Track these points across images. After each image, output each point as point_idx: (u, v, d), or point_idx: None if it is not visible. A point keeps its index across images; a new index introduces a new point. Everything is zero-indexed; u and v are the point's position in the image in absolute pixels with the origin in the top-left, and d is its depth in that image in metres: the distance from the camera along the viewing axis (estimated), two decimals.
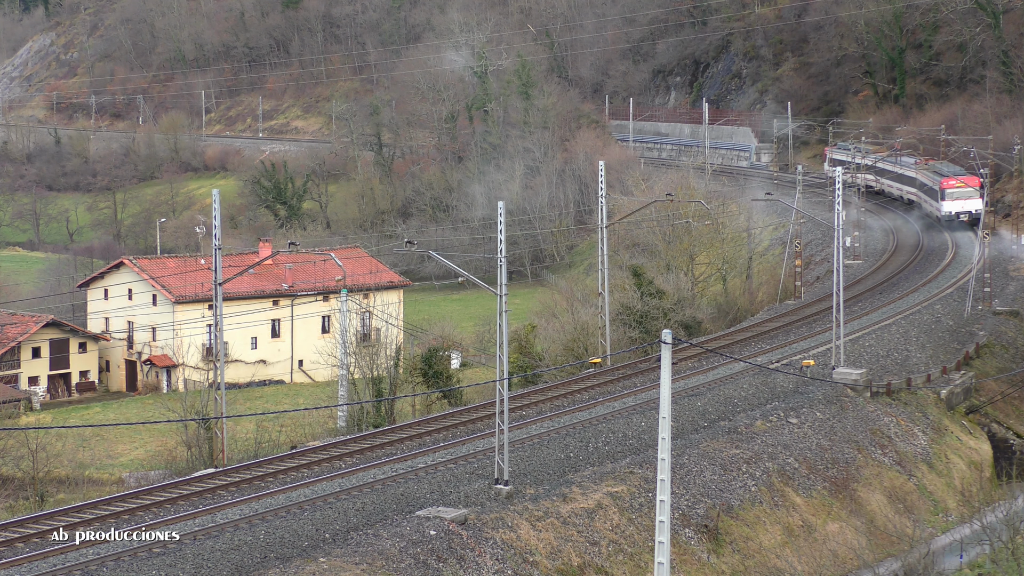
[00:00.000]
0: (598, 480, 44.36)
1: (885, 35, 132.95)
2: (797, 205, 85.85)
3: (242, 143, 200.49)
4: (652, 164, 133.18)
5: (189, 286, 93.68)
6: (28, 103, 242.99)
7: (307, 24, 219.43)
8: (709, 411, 53.37)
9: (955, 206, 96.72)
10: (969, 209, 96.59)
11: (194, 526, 38.02)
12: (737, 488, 47.09)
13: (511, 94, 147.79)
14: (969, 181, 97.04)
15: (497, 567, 38.67)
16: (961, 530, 50.03)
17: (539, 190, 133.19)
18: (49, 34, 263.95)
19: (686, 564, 42.64)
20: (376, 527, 38.70)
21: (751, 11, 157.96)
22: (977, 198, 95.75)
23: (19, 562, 35.04)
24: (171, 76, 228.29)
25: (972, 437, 60.00)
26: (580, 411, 52.18)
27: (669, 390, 33.16)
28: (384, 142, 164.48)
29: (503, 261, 42.67)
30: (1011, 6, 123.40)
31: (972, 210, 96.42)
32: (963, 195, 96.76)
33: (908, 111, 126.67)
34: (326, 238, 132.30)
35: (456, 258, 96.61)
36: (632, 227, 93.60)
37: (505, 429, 42.16)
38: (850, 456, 52.62)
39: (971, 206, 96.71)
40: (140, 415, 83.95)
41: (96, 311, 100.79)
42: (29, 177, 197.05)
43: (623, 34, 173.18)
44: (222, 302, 52.52)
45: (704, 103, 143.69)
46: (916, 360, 64.86)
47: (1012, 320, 75.34)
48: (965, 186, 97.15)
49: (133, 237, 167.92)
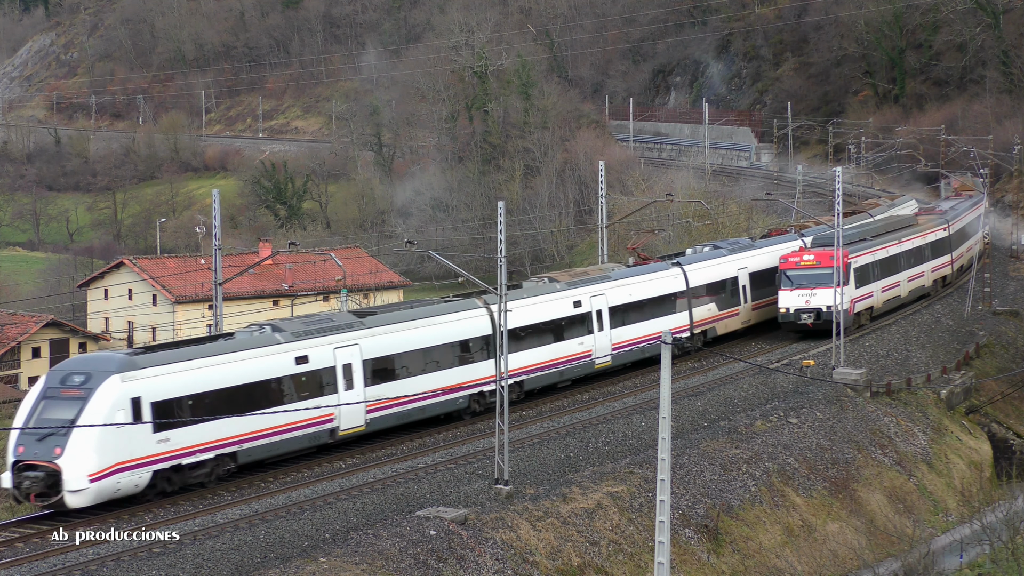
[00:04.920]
0: (598, 480, 44.38)
1: (885, 35, 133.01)
2: (797, 205, 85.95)
3: (242, 143, 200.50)
4: (652, 164, 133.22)
5: (189, 286, 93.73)
6: (28, 103, 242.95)
7: (307, 24, 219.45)
8: (709, 411, 53.39)
9: (794, 300, 63.57)
10: (818, 306, 62.95)
11: (194, 526, 38.04)
12: (737, 488, 47.11)
13: (511, 94, 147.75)
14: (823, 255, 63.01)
15: (497, 567, 38.68)
16: (961, 530, 50.05)
17: (539, 190, 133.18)
18: (49, 34, 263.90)
19: (686, 564, 42.65)
20: (376, 527, 38.72)
21: (751, 11, 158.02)
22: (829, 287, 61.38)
23: (19, 562, 35.05)
24: (171, 76, 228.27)
25: (972, 437, 60.02)
26: (580, 411, 52.19)
27: (669, 390, 33.16)
28: (384, 142, 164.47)
29: (503, 261, 42.67)
30: (1011, 6, 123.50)
31: (823, 307, 62.55)
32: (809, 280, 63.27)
33: (908, 111, 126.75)
34: (326, 238, 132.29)
35: (456, 258, 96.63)
36: (632, 227, 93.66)
37: (505, 429, 42.17)
38: (850, 456, 52.64)
39: (822, 300, 62.71)
40: None
41: (96, 311, 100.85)
42: (29, 177, 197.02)
43: (623, 34, 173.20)
44: (222, 302, 52.56)
45: (704, 103, 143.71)
46: (916, 360, 64.88)
47: (1012, 320, 75.38)
48: (817, 264, 63.36)
49: (133, 237, 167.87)
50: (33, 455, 37.72)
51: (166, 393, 39.51)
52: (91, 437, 37.58)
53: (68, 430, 37.57)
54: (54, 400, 38.54)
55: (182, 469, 40.29)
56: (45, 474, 37.51)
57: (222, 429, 41.05)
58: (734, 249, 65.72)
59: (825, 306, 62.03)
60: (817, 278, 62.47)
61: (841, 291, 59.93)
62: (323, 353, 44.25)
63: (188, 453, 40.20)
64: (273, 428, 42.58)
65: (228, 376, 41.33)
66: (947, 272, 77.06)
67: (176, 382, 39.92)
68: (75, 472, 37.40)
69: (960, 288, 78.25)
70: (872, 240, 66.35)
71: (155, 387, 39.29)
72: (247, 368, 41.96)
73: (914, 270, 71.26)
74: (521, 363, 51.66)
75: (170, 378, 39.84)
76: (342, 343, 44.99)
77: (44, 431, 37.63)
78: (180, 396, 39.90)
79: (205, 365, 40.94)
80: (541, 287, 54.55)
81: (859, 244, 64.92)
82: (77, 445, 37.48)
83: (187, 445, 40.12)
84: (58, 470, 37.39)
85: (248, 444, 41.98)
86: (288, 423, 42.99)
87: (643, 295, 58.38)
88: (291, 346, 43.50)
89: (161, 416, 39.29)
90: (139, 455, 38.74)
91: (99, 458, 37.70)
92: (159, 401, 39.26)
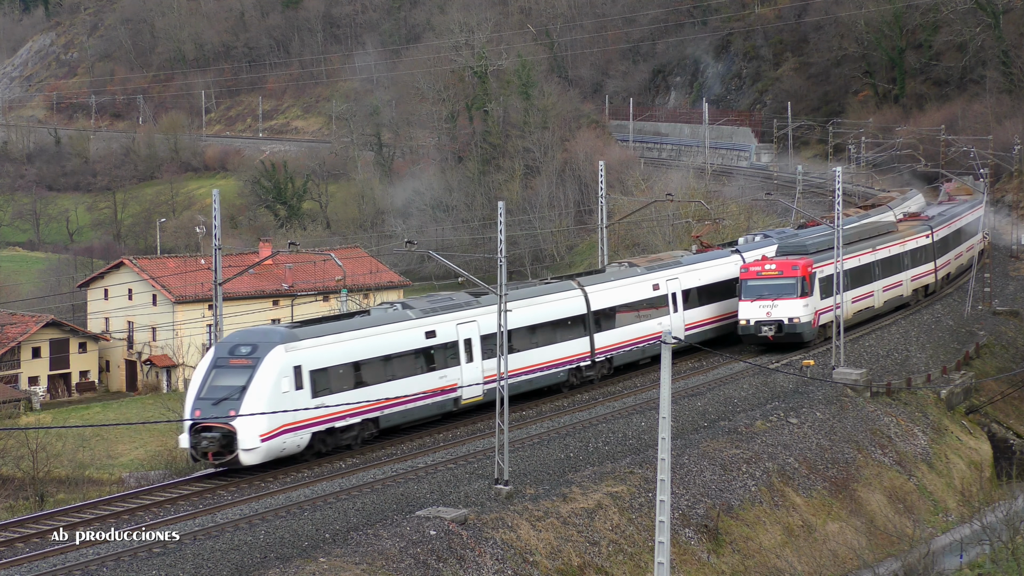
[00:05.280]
0: (598, 480, 44.38)
1: (885, 35, 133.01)
2: (797, 205, 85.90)
3: (242, 143, 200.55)
4: (652, 164, 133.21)
5: (189, 286, 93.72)
6: (28, 103, 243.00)
7: (307, 24, 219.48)
8: (709, 411, 53.39)
9: (755, 311, 59.65)
10: (779, 318, 59.64)
11: (194, 526, 38.03)
12: (737, 488, 47.10)
13: (511, 94, 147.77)
14: (785, 264, 59.75)
15: (497, 567, 38.67)
16: (961, 530, 50.05)
17: (539, 190, 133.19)
18: (49, 34, 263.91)
19: (686, 564, 42.65)
20: (376, 527, 38.71)
21: (751, 11, 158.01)
22: (796, 297, 58.81)
23: (19, 562, 35.05)
24: (171, 76, 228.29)
25: (972, 437, 60.02)
26: (580, 411, 52.20)
27: (669, 390, 33.17)
28: (384, 142, 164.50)
29: (503, 261, 42.71)
30: (1011, 6, 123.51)
31: (785, 319, 59.54)
32: (771, 290, 59.49)
33: (908, 111, 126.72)
34: (326, 238, 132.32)
35: (456, 258, 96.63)
36: (632, 227, 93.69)
37: (505, 429, 42.19)
38: (850, 456, 52.64)
39: (784, 312, 59.64)
40: (140, 415, 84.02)
41: (96, 311, 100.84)
42: (29, 177, 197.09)
43: (623, 34, 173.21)
44: (222, 302, 52.52)
45: (704, 103, 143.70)
46: (916, 360, 64.87)
47: (1012, 320, 75.38)
48: (778, 274, 59.56)
49: (133, 237, 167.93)
50: (210, 418, 41.30)
51: (322, 362, 43.44)
52: (262, 401, 41.40)
53: (241, 394, 41.48)
54: (224, 369, 42.14)
55: (335, 432, 44.43)
56: (221, 435, 41.36)
57: (367, 396, 44.96)
58: (781, 238, 66.85)
59: (787, 318, 59.31)
60: (779, 288, 59.18)
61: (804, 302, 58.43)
62: (448, 328, 48.13)
63: (340, 417, 44.29)
64: (409, 396, 46.52)
65: (371, 348, 45.34)
66: (930, 281, 73.71)
67: (329, 353, 43.84)
68: (248, 433, 41.42)
69: (960, 288, 78.23)
70: (843, 248, 62.00)
71: (312, 357, 43.19)
72: (386, 341, 45.97)
73: (890, 279, 68.08)
74: (610, 341, 55.79)
75: (324, 349, 43.76)
76: (463, 320, 48.78)
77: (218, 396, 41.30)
78: (333, 365, 43.84)
79: (352, 338, 44.92)
80: (623, 271, 58.42)
81: (827, 253, 61.23)
82: (252, 407, 41.37)
83: (339, 410, 44.17)
84: (233, 431, 41.32)
85: (388, 410, 45.95)
86: (421, 391, 47.01)
87: (710, 279, 61.98)
88: (421, 322, 47.42)
89: (317, 383, 43.20)
90: (301, 418, 42.74)
91: (268, 420, 41.53)
92: (316, 369, 43.20)
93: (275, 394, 41.65)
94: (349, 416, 44.48)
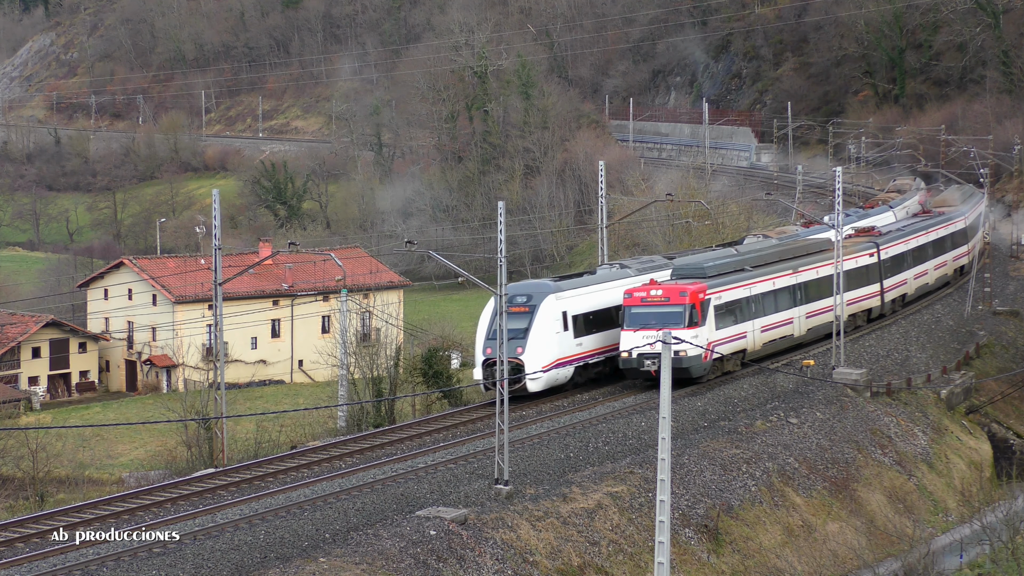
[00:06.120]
0: (598, 480, 44.37)
1: (885, 35, 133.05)
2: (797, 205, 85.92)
3: (242, 143, 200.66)
4: (652, 164, 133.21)
5: (189, 286, 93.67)
6: (28, 103, 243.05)
7: (307, 24, 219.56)
8: (709, 411, 53.36)
9: (637, 341, 51.60)
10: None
11: (194, 526, 38.01)
12: (737, 488, 47.10)
13: (511, 94, 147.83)
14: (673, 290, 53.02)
15: (497, 567, 38.67)
16: (961, 530, 50.04)
17: (539, 190, 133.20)
18: (49, 34, 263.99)
19: (686, 564, 42.64)
20: (376, 527, 38.70)
21: (751, 11, 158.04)
22: (683, 327, 51.40)
23: (19, 562, 35.03)
24: (171, 76, 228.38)
25: (972, 437, 60.01)
26: (580, 411, 52.16)
27: (669, 390, 33.15)
28: (384, 142, 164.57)
29: (503, 261, 42.69)
30: (1011, 6, 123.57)
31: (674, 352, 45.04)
32: (656, 318, 51.97)
33: (908, 111, 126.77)
34: (326, 238, 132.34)
35: (456, 258, 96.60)
36: (632, 227, 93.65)
37: (505, 429, 42.17)
38: (850, 456, 52.64)
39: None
40: (140, 415, 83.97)
41: (96, 311, 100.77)
42: (29, 177, 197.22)
43: (623, 34, 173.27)
44: (222, 302, 52.51)
45: (704, 103, 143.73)
46: (916, 360, 64.85)
47: (1012, 320, 75.34)
48: (665, 300, 52.73)
49: (133, 237, 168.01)
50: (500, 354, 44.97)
51: (579, 309, 52.83)
52: (542, 339, 50.94)
53: (525, 334, 50.62)
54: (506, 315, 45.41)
55: (587, 367, 53.82)
56: (511, 368, 48.79)
57: (609, 338, 53.77)
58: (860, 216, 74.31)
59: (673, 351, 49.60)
60: (664, 316, 51.81)
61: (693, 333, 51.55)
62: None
63: (592, 355, 53.74)
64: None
65: (607, 299, 54.24)
66: (873, 305, 66.55)
67: (582, 302, 53.23)
68: (534, 364, 50.78)
69: (960, 288, 78.20)
70: (751, 271, 57.11)
71: (573, 304, 52.61)
72: (616, 294, 54.25)
73: (817, 304, 60.97)
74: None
75: (579, 299, 53.09)
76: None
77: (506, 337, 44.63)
78: (585, 311, 53.12)
79: (598, 289, 54.33)
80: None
81: (730, 276, 55.71)
82: (534, 344, 50.69)
83: (591, 349, 53.62)
84: (521, 364, 50.54)
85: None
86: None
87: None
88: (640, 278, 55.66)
89: (577, 326, 52.60)
90: (568, 354, 52.24)
91: (547, 354, 51.09)
92: (576, 314, 52.61)
93: (550, 334, 50.97)
94: (597, 355, 53.71)
